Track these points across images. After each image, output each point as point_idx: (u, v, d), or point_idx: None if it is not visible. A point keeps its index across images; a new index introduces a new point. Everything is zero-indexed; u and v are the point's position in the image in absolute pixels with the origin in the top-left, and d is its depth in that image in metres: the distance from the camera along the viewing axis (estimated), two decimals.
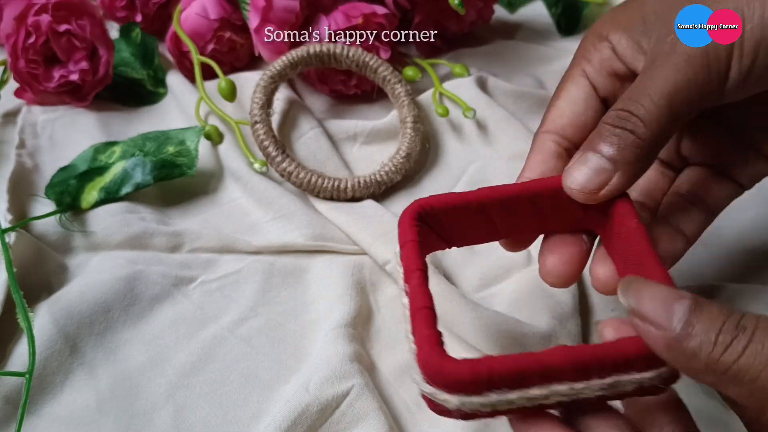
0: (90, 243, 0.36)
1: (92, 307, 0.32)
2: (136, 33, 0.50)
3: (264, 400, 0.30)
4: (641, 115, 0.23)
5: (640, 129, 0.23)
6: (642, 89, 0.24)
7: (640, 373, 0.20)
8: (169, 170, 0.39)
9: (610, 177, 0.23)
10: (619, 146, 0.23)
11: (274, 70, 0.42)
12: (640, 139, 0.23)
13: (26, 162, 0.41)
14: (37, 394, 0.30)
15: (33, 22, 0.43)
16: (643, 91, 0.24)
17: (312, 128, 0.43)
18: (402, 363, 0.32)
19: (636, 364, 0.20)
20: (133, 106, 0.47)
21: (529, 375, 0.20)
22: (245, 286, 0.35)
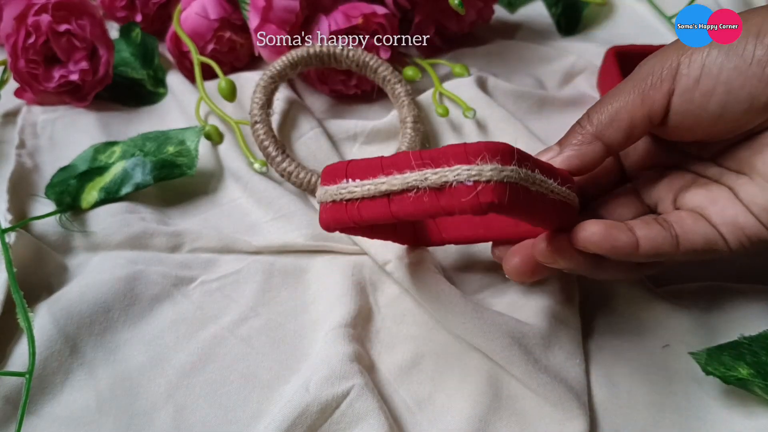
0: (90, 243, 0.36)
1: (92, 307, 0.32)
2: (136, 33, 0.50)
3: (264, 400, 0.30)
4: (592, 121, 0.29)
5: (587, 134, 0.29)
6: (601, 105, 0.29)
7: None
8: (169, 170, 0.39)
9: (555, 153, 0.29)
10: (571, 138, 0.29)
11: (274, 70, 0.42)
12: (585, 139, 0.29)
13: (26, 162, 0.41)
14: (37, 394, 0.30)
15: (33, 22, 0.43)
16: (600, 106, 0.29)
17: (312, 128, 0.43)
18: (402, 363, 0.32)
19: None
20: (133, 106, 0.47)
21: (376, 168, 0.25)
22: (245, 286, 0.35)
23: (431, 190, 0.23)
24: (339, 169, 0.26)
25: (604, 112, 0.28)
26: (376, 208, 0.25)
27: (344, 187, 0.25)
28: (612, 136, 0.28)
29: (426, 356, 0.33)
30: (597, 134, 0.29)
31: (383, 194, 0.24)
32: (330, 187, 0.26)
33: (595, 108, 0.29)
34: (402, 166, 0.24)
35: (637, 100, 0.28)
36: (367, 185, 0.25)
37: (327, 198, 0.26)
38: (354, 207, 0.25)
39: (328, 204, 0.26)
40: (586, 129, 0.29)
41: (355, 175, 0.25)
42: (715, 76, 0.26)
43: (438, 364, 0.32)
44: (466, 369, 0.32)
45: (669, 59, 0.27)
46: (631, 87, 0.28)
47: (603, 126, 0.28)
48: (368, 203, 0.25)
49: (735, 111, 0.26)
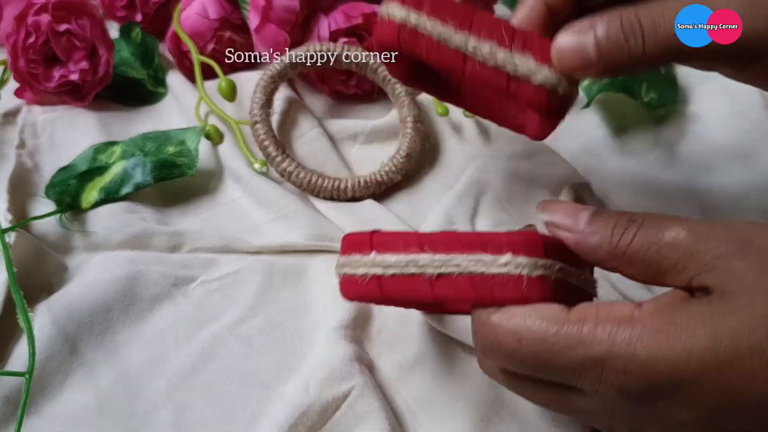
0: (90, 243, 0.36)
1: (92, 307, 0.32)
2: (136, 33, 0.50)
3: (264, 400, 0.30)
4: (648, 45, 0.24)
5: (637, 52, 0.24)
6: (668, 21, 0.24)
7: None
8: (170, 170, 0.39)
9: (587, 66, 0.25)
10: (612, 50, 0.25)
11: (274, 70, 0.42)
12: (630, 59, 0.25)
13: (26, 162, 0.41)
14: (37, 394, 0.30)
15: (33, 21, 0.43)
16: (667, 23, 0.24)
17: (312, 128, 0.43)
18: (403, 363, 0.32)
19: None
20: (133, 106, 0.47)
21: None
22: (245, 286, 0.35)
23: (477, 276, 0.23)
24: (363, 240, 0.25)
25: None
26: (416, 286, 0.24)
27: (377, 260, 0.24)
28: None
29: (427, 356, 0.32)
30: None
31: (420, 272, 0.23)
32: (357, 257, 0.25)
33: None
34: (448, 247, 0.23)
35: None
36: (406, 261, 0.24)
37: (353, 270, 0.25)
38: (389, 282, 0.24)
39: (352, 277, 0.25)
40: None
41: (383, 248, 0.24)
42: None
43: (439, 364, 0.32)
44: (467, 369, 0.32)
45: None
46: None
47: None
48: (405, 280, 0.24)
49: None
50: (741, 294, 0.20)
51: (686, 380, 0.20)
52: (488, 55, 0.26)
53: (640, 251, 0.22)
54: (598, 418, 0.24)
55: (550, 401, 0.24)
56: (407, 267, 0.24)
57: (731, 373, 0.20)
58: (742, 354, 0.19)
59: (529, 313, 0.22)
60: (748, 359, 0.19)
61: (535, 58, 0.26)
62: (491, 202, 0.39)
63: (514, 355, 0.22)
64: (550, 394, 0.24)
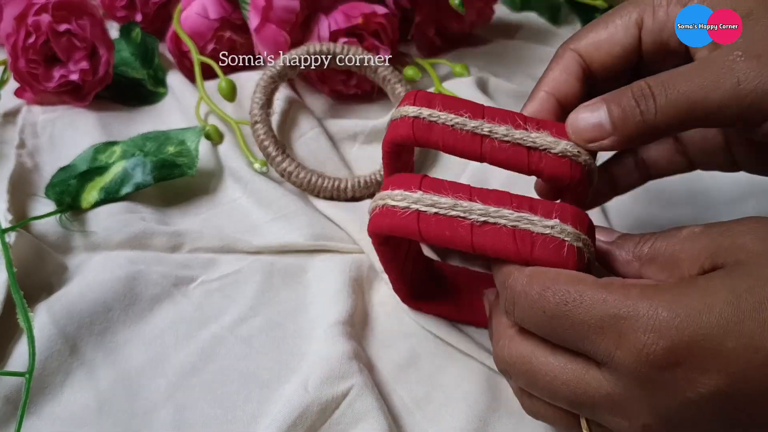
0: (90, 243, 0.36)
1: (92, 307, 0.32)
2: (136, 33, 0.50)
3: (264, 400, 0.30)
4: (659, 106, 0.25)
5: (650, 116, 0.25)
6: (677, 82, 0.25)
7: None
8: (170, 170, 0.39)
9: (604, 137, 0.26)
10: (626, 118, 0.25)
11: (273, 70, 0.42)
12: (645, 124, 0.25)
13: (26, 162, 0.41)
14: (37, 394, 0.30)
15: (33, 21, 0.43)
16: (676, 84, 0.25)
17: (312, 128, 0.43)
18: (399, 361, 0.32)
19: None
20: (134, 105, 0.47)
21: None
22: (245, 286, 0.35)
23: (521, 231, 0.24)
24: (411, 180, 0.25)
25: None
26: (456, 229, 0.24)
27: (424, 197, 0.25)
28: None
29: (422, 355, 0.33)
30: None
31: (464, 216, 0.24)
32: (401, 192, 0.25)
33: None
34: (498, 201, 0.24)
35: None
36: (453, 203, 0.24)
37: (393, 202, 0.25)
38: (429, 220, 0.25)
39: (391, 208, 0.25)
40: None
41: (432, 189, 0.25)
42: None
43: (435, 363, 0.32)
44: (464, 368, 0.32)
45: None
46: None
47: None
48: (446, 221, 0.24)
49: None
50: (751, 260, 0.21)
51: (708, 336, 0.20)
52: (505, 134, 0.26)
53: (660, 248, 0.24)
54: (611, 409, 0.23)
55: (564, 380, 0.23)
56: (452, 209, 0.24)
57: (753, 325, 0.20)
58: (761, 306, 0.20)
59: (559, 271, 0.23)
60: (766, 311, 0.20)
61: (551, 133, 0.26)
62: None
63: (536, 305, 0.23)
64: (564, 365, 0.23)
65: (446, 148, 0.27)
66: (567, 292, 0.22)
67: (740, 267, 0.21)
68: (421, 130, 0.27)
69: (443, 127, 0.27)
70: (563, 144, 0.26)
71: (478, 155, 0.26)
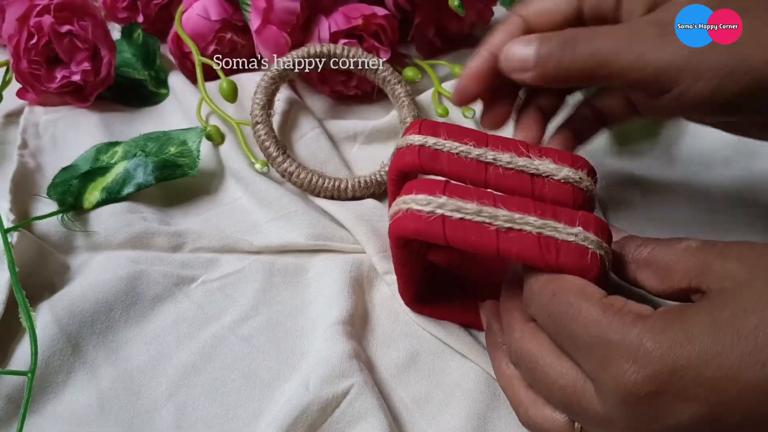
0: (92, 243, 0.36)
1: (94, 306, 0.33)
2: (138, 34, 0.50)
3: (265, 399, 0.31)
4: (577, 54, 0.28)
5: (565, 62, 0.28)
6: (600, 37, 0.28)
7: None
8: (171, 170, 0.40)
9: (526, 70, 0.29)
10: (548, 59, 0.28)
11: (274, 71, 0.42)
12: (560, 69, 0.28)
13: (28, 162, 0.41)
14: (39, 393, 0.30)
15: (35, 23, 0.43)
16: (598, 38, 0.28)
17: (312, 128, 0.43)
18: (399, 361, 0.32)
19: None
20: (135, 106, 0.48)
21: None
22: (246, 285, 0.35)
23: (546, 237, 0.24)
24: (435, 185, 0.26)
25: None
26: (481, 234, 0.25)
27: (449, 202, 0.25)
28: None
29: (422, 354, 0.33)
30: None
31: (490, 222, 0.25)
32: (426, 197, 0.25)
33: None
34: (522, 208, 0.25)
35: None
36: (479, 209, 0.25)
37: (419, 207, 0.25)
38: (455, 225, 0.25)
39: (417, 212, 0.25)
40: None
41: (456, 195, 0.25)
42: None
43: (435, 362, 0.32)
44: (463, 367, 0.32)
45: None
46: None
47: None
48: (472, 226, 0.25)
49: None
50: (735, 289, 0.22)
51: (688, 367, 0.21)
52: (509, 162, 0.27)
53: (657, 256, 0.25)
54: (600, 424, 0.24)
55: (563, 385, 0.24)
56: (478, 215, 0.25)
57: (732, 356, 0.20)
58: (740, 337, 0.20)
59: (572, 280, 0.24)
60: (744, 342, 0.20)
61: (553, 160, 0.27)
62: None
63: (546, 307, 0.24)
64: (566, 370, 0.24)
65: (452, 175, 0.27)
66: (569, 304, 0.23)
67: (723, 296, 0.22)
68: (426, 158, 0.28)
69: (449, 155, 0.27)
70: (565, 171, 0.27)
71: (483, 182, 0.27)
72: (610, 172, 0.42)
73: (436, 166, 0.27)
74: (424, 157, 0.28)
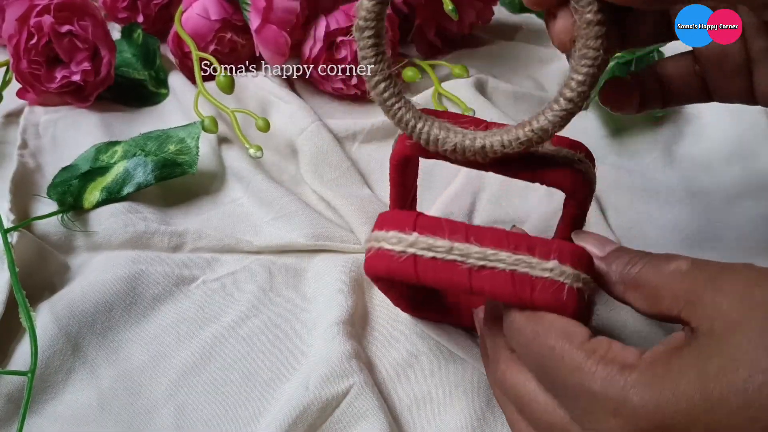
0: (92, 243, 0.36)
1: (94, 306, 0.33)
2: (138, 34, 0.50)
3: (265, 399, 0.31)
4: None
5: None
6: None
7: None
8: (171, 169, 0.39)
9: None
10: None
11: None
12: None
13: (28, 162, 0.41)
14: (39, 393, 0.30)
15: (35, 23, 0.43)
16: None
17: (313, 121, 0.43)
18: (399, 361, 0.32)
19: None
20: (135, 106, 0.48)
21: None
22: (246, 285, 0.35)
23: (520, 275, 0.23)
24: (405, 220, 0.25)
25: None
26: (454, 273, 0.24)
27: (420, 240, 0.24)
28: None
29: (422, 354, 0.33)
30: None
31: (461, 261, 0.24)
32: (397, 234, 0.25)
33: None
34: (495, 242, 0.24)
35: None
36: (450, 247, 0.24)
37: (390, 246, 0.25)
38: (426, 264, 0.24)
39: (388, 252, 0.25)
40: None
41: (427, 231, 0.24)
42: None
43: (434, 362, 0.32)
44: (463, 366, 0.32)
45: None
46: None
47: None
48: (444, 265, 0.24)
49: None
50: (726, 332, 0.21)
51: (676, 424, 0.20)
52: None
53: (644, 276, 0.24)
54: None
55: (551, 423, 0.24)
56: (449, 253, 0.24)
57: (720, 414, 0.19)
58: (728, 392, 0.19)
59: (554, 319, 0.23)
60: (733, 398, 0.19)
61: (551, 143, 0.27)
62: (488, 200, 0.40)
63: (528, 346, 0.23)
64: (553, 409, 0.23)
65: (454, 159, 0.26)
66: (552, 348, 0.22)
67: (712, 342, 0.21)
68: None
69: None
70: (564, 152, 0.27)
71: (484, 166, 0.26)
72: (609, 173, 0.42)
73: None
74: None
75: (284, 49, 0.44)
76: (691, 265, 0.23)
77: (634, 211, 0.40)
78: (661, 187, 0.41)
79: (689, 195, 0.41)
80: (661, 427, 0.20)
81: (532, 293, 0.23)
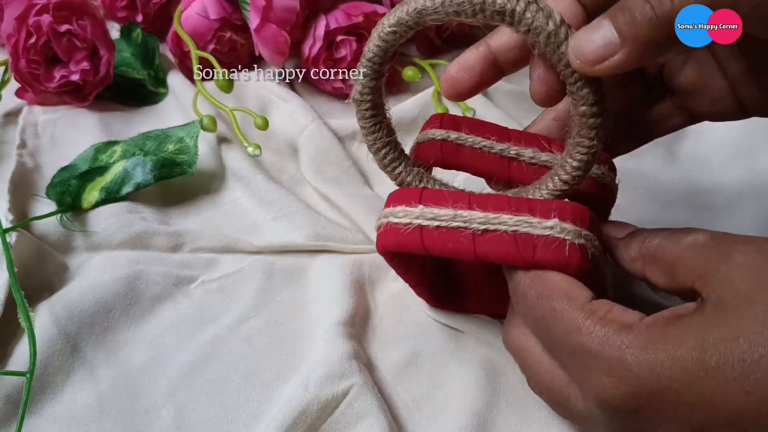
0: (91, 243, 0.36)
1: (93, 306, 0.32)
2: (137, 33, 0.50)
3: (264, 400, 0.30)
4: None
5: (665, 6, 0.21)
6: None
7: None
8: (170, 169, 0.39)
9: (613, 52, 0.22)
10: (635, 20, 0.21)
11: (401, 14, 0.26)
12: (660, 19, 0.21)
13: (27, 162, 0.41)
14: (38, 393, 0.30)
15: (34, 22, 0.43)
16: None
17: (313, 120, 0.43)
18: (399, 361, 0.32)
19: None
20: (134, 106, 0.47)
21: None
22: (246, 286, 0.35)
23: (522, 235, 0.24)
24: (411, 194, 0.26)
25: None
26: (458, 239, 0.24)
27: (424, 211, 0.25)
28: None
29: (423, 354, 0.33)
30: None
31: (465, 227, 0.24)
32: (403, 209, 0.25)
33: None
34: (497, 206, 0.24)
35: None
36: (453, 215, 0.24)
37: (396, 220, 0.25)
38: (431, 234, 0.25)
39: (395, 226, 0.25)
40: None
41: (431, 202, 0.25)
42: None
43: (435, 362, 0.32)
44: (463, 365, 0.32)
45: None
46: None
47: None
48: (448, 233, 0.24)
49: None
50: (731, 304, 0.20)
51: (669, 388, 0.20)
52: (532, 157, 0.27)
53: (662, 249, 0.24)
54: (583, 424, 0.24)
55: (550, 384, 0.24)
56: (453, 220, 0.24)
57: (714, 383, 0.19)
58: (725, 363, 0.19)
59: (558, 280, 0.23)
60: (730, 368, 0.19)
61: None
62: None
63: (531, 309, 0.24)
64: (553, 370, 0.24)
65: (475, 170, 0.27)
66: (552, 309, 0.23)
67: (719, 313, 0.20)
68: (449, 153, 0.27)
69: (471, 149, 0.27)
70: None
71: (507, 177, 0.27)
72: None
73: (458, 161, 0.27)
74: (447, 151, 0.27)
75: (284, 48, 0.44)
76: (709, 238, 0.23)
77: (635, 211, 0.40)
78: (662, 185, 0.41)
79: (690, 194, 0.41)
80: (655, 391, 0.20)
81: (535, 252, 0.24)
